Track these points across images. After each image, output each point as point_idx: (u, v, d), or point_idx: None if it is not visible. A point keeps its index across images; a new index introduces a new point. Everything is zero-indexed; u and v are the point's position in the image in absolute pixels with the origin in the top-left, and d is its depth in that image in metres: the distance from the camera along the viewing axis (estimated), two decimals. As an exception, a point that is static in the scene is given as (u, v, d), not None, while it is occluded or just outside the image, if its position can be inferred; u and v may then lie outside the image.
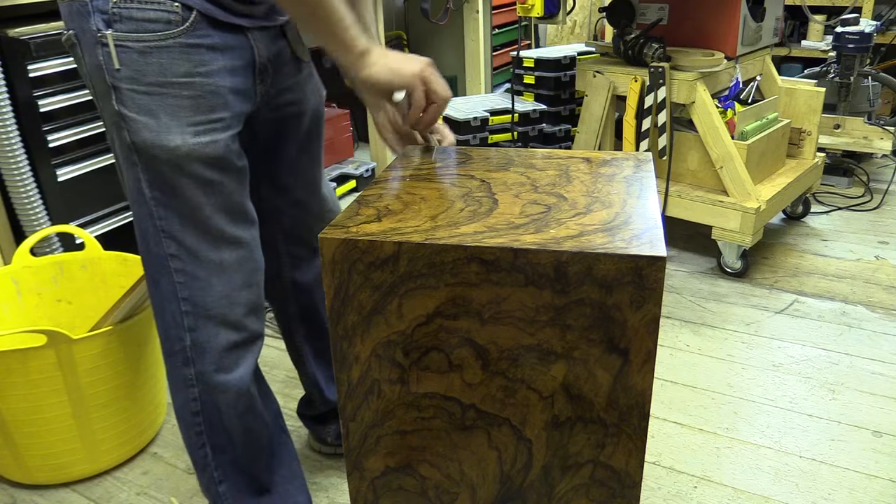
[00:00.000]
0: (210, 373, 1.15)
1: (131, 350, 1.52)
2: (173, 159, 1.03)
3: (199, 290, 1.11)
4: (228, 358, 1.15)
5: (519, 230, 0.81)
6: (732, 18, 2.27)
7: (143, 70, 0.99)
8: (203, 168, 1.04)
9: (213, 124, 1.03)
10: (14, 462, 1.52)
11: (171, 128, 1.01)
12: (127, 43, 0.99)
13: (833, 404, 1.73)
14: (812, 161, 2.58)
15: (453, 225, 0.83)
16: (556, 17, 2.45)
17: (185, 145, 1.02)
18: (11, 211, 1.81)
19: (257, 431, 1.24)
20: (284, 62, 1.18)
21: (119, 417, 1.54)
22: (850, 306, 2.13)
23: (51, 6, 1.81)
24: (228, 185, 1.08)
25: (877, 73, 3.02)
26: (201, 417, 1.19)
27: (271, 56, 1.13)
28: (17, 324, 1.68)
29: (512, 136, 2.74)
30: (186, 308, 1.12)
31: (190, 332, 1.13)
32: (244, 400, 1.19)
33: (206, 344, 1.14)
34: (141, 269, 1.66)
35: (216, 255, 1.10)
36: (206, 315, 1.12)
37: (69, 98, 1.85)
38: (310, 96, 1.26)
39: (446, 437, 0.89)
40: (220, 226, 1.09)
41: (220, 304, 1.12)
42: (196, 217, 1.07)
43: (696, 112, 2.22)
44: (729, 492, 1.48)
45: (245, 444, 1.23)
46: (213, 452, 1.22)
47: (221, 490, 1.25)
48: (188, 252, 1.09)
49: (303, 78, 1.24)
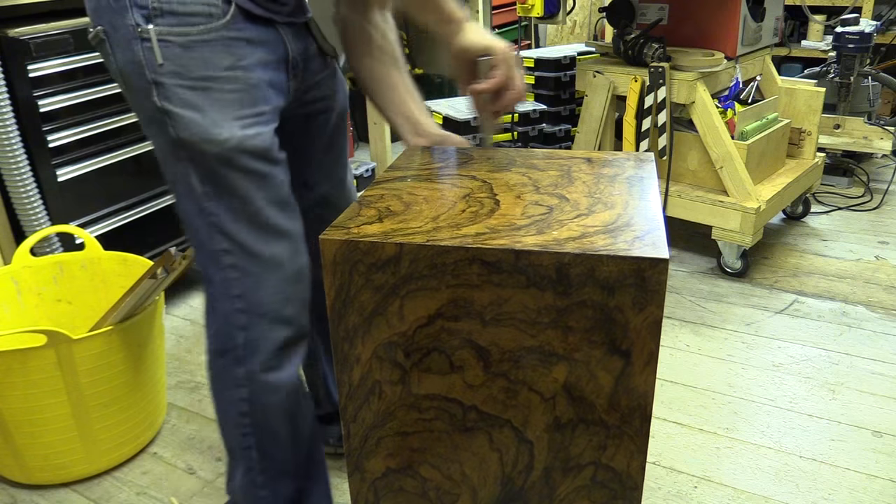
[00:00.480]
0: (261, 373, 1.13)
1: (131, 350, 1.52)
2: (223, 153, 1.02)
3: (253, 287, 1.09)
4: (281, 356, 1.13)
5: (521, 231, 0.81)
6: (732, 18, 2.27)
7: (188, 65, 0.99)
8: (252, 160, 1.05)
9: (257, 117, 1.04)
10: (14, 462, 1.52)
11: (218, 121, 1.01)
12: (169, 38, 0.98)
13: (833, 404, 1.73)
14: (812, 161, 2.58)
15: (455, 226, 0.83)
16: (556, 17, 2.45)
17: (234, 138, 1.02)
18: (11, 211, 1.80)
19: (304, 432, 1.21)
20: (312, 58, 1.18)
21: (119, 417, 1.54)
22: (850, 306, 2.14)
23: (51, 6, 1.82)
24: (277, 177, 1.08)
25: (877, 73, 3.02)
26: (249, 419, 1.16)
27: (301, 51, 1.13)
28: (17, 324, 1.68)
29: (512, 136, 2.74)
30: (240, 305, 1.10)
31: (243, 331, 1.11)
32: (293, 398, 1.17)
33: (260, 342, 1.11)
34: (141, 269, 1.66)
35: (268, 250, 1.09)
36: (260, 312, 1.10)
37: (69, 98, 1.85)
38: (337, 93, 1.27)
39: (447, 438, 0.89)
40: (272, 218, 1.09)
41: (274, 301, 1.11)
42: (248, 210, 1.07)
43: (696, 112, 2.22)
44: (729, 492, 1.48)
45: (292, 446, 1.20)
46: (260, 456, 1.19)
47: (262, 495, 1.21)
48: (240, 247, 1.08)
49: (329, 74, 1.24)
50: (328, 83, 1.24)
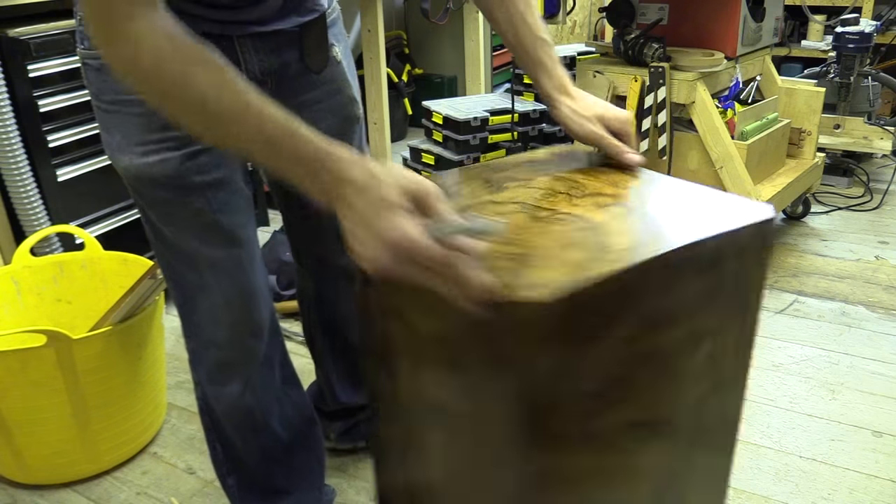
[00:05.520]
0: (205, 382, 1.16)
1: (131, 350, 1.52)
2: (128, 179, 1.00)
3: (188, 305, 1.09)
4: (219, 374, 1.14)
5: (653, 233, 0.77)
6: (732, 18, 2.27)
7: (101, 87, 0.96)
8: (155, 189, 0.98)
9: (164, 143, 0.95)
10: (14, 462, 1.52)
11: (122, 146, 0.97)
12: (88, 60, 0.96)
13: (833, 404, 1.73)
14: (812, 161, 2.57)
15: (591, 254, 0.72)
16: (556, 17, 2.45)
17: (133, 166, 0.97)
18: (11, 211, 1.80)
19: (257, 444, 1.22)
20: (292, 76, 1.04)
21: (119, 417, 1.54)
22: (850, 306, 2.13)
23: (51, 6, 1.82)
24: (193, 204, 0.99)
25: (877, 73, 3.02)
26: (207, 416, 1.21)
27: (270, 69, 1.01)
28: (17, 324, 1.68)
29: (512, 136, 2.74)
30: (183, 316, 1.11)
31: (188, 340, 1.14)
32: (238, 414, 1.18)
33: (200, 356, 1.14)
34: (141, 269, 1.66)
35: (194, 275, 1.05)
36: (195, 331, 1.11)
37: (69, 98, 1.85)
38: (327, 114, 1.11)
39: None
40: (191, 245, 1.03)
41: (205, 322, 1.09)
42: (163, 236, 1.04)
43: (696, 112, 2.22)
44: (729, 492, 1.48)
45: (247, 452, 1.22)
46: (223, 447, 1.22)
47: (230, 482, 1.25)
48: (169, 268, 1.07)
49: (320, 94, 1.09)
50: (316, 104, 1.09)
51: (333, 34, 1.10)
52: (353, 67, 1.16)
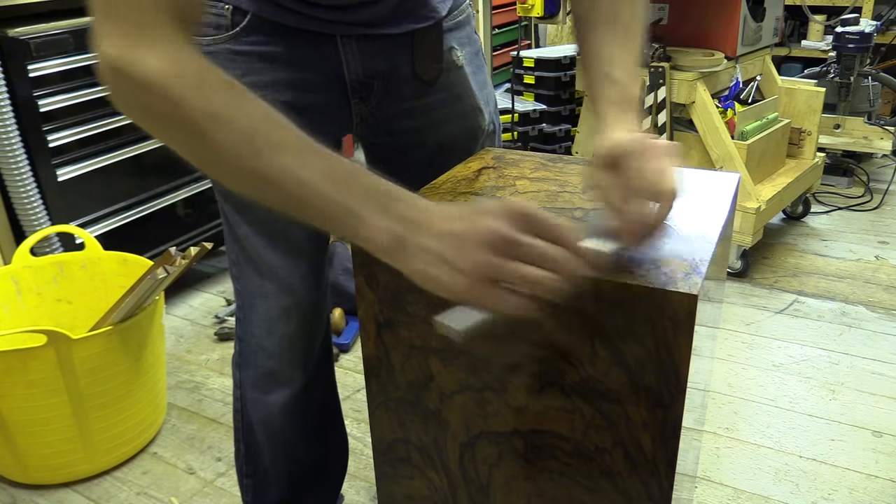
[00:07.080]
0: (247, 386, 1.14)
1: (131, 350, 1.52)
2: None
3: (248, 305, 1.08)
4: (265, 380, 1.12)
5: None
6: (732, 18, 2.27)
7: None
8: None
9: None
10: (14, 462, 1.52)
11: None
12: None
13: (833, 404, 1.73)
14: (812, 161, 2.58)
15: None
16: (556, 17, 2.45)
17: None
18: (11, 211, 1.80)
19: (284, 458, 1.21)
20: (402, 81, 0.98)
21: (119, 417, 1.54)
22: (850, 306, 2.13)
23: (51, 6, 1.82)
24: (262, 208, 0.99)
25: (877, 73, 3.02)
26: (240, 416, 1.20)
27: (375, 72, 0.95)
28: (17, 324, 1.68)
29: (512, 136, 2.74)
30: (240, 315, 1.10)
31: (240, 342, 1.12)
32: (273, 423, 1.16)
33: (248, 359, 1.12)
34: (141, 269, 1.66)
35: (257, 279, 1.04)
36: (250, 331, 1.09)
37: (69, 98, 1.85)
38: (444, 123, 1.03)
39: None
40: (257, 248, 1.01)
41: (261, 327, 1.07)
42: (235, 234, 1.03)
43: (696, 112, 2.22)
44: (729, 492, 1.48)
45: (272, 461, 1.21)
46: (247, 449, 1.22)
47: (245, 483, 1.24)
48: (236, 265, 1.07)
49: (435, 101, 1.01)
50: (425, 112, 1.02)
51: (457, 38, 1.02)
52: (481, 74, 1.07)
